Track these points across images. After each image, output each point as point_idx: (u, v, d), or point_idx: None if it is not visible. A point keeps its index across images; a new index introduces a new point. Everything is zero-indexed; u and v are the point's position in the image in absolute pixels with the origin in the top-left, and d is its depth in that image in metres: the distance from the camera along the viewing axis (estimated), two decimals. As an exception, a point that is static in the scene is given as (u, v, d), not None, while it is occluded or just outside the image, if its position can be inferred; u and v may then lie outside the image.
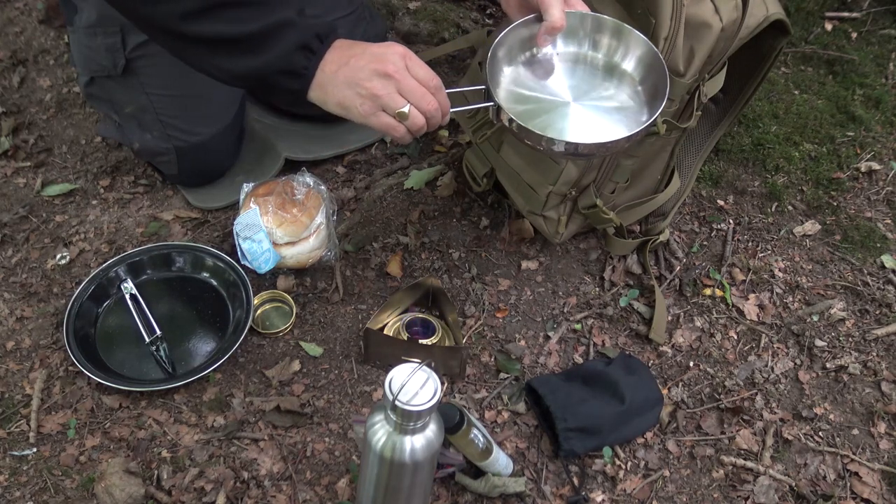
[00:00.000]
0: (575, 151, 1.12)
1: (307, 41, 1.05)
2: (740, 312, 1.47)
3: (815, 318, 1.47)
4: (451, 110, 1.12)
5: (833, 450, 1.31)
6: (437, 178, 1.62)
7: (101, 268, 1.42)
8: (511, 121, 1.10)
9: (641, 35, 1.17)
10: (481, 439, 1.14)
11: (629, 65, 1.20)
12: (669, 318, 1.45)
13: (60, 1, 1.46)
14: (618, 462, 1.28)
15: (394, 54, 1.07)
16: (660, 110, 1.11)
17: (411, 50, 1.10)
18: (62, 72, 1.80)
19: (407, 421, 0.94)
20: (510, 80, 1.19)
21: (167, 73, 1.44)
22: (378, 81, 1.06)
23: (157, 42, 1.12)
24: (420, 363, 0.94)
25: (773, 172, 1.68)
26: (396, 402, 0.91)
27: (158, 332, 1.35)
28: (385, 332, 1.37)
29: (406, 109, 1.06)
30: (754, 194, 1.65)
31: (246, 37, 1.04)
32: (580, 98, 1.18)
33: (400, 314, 1.41)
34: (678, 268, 1.52)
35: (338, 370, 1.36)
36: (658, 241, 1.51)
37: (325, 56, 1.07)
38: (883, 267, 1.56)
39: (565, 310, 1.45)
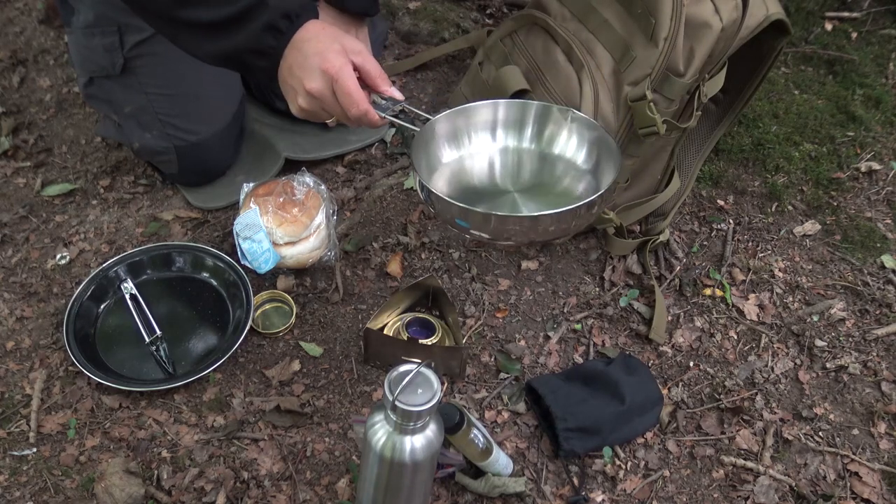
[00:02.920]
0: (500, 226, 1.05)
1: (274, 21, 1.08)
2: (740, 312, 1.47)
3: (815, 318, 1.47)
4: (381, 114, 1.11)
5: (833, 450, 1.31)
6: (437, 178, 1.62)
7: (101, 268, 1.42)
8: (424, 188, 1.06)
9: (585, 116, 1.16)
10: (481, 439, 1.14)
11: (572, 147, 1.17)
12: (669, 318, 1.45)
13: (58, 2, 1.46)
14: (618, 462, 1.28)
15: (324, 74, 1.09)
16: (607, 186, 1.07)
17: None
18: (62, 72, 1.80)
19: (407, 421, 0.94)
20: (449, 172, 1.18)
21: (166, 72, 1.44)
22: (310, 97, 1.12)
23: (156, 29, 1.17)
24: (420, 363, 0.94)
25: (773, 172, 1.68)
26: (396, 402, 0.91)
27: (158, 332, 1.35)
28: (385, 332, 1.37)
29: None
30: (754, 194, 1.65)
31: (224, 20, 1.08)
32: (522, 186, 1.16)
33: (400, 314, 1.41)
34: (678, 268, 1.52)
35: (338, 370, 1.36)
36: (658, 241, 1.51)
37: (294, 36, 1.09)
38: (883, 267, 1.56)
39: (565, 310, 1.45)
